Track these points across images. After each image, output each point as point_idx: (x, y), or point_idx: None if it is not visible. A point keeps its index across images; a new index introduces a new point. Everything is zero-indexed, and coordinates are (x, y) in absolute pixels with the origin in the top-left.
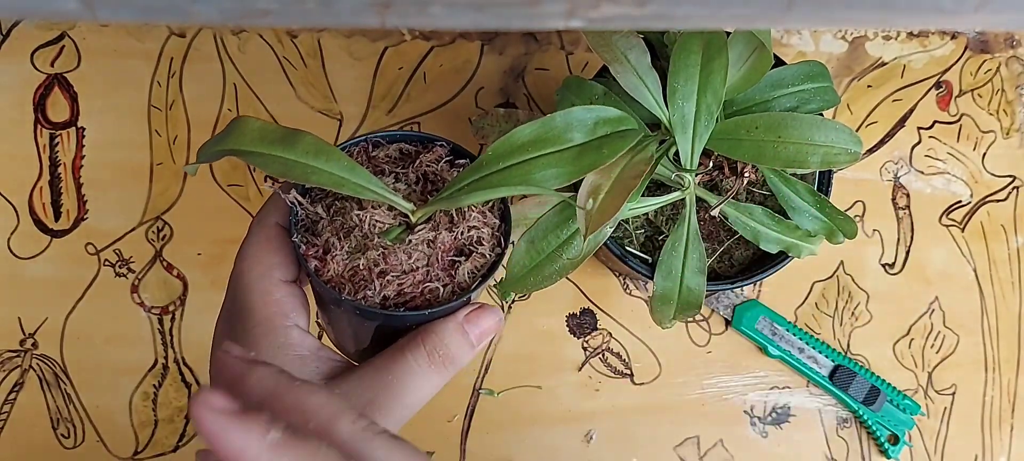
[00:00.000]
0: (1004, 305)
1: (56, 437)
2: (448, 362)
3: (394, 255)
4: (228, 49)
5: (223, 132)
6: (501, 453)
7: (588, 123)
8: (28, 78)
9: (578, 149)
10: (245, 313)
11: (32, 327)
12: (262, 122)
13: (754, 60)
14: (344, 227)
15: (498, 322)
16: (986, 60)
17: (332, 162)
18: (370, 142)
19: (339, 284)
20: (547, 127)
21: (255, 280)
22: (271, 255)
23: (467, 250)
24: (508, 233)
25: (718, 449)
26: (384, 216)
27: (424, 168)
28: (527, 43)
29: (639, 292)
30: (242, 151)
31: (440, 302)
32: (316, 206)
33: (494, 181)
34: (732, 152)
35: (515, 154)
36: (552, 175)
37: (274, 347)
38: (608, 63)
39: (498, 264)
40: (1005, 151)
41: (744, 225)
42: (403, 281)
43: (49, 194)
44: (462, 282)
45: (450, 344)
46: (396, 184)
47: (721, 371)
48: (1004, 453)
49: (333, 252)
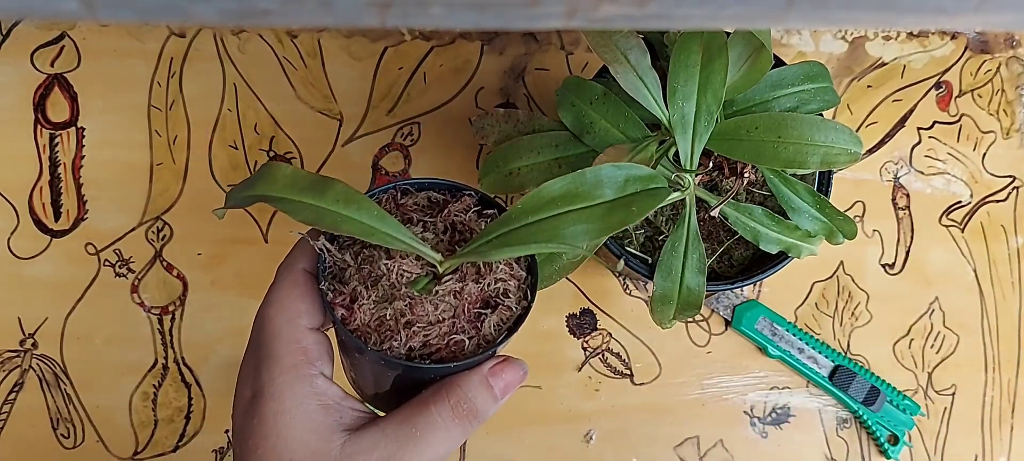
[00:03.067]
0: (1004, 305)
1: (56, 437)
2: (472, 416)
3: (421, 306)
4: (228, 49)
5: (253, 177)
6: (501, 453)
7: (619, 180)
8: (28, 78)
9: (608, 205)
10: (271, 360)
11: (32, 327)
12: (293, 168)
13: (754, 60)
14: (372, 276)
15: (523, 375)
16: (986, 60)
17: (362, 211)
18: (399, 189)
19: (365, 334)
20: (577, 182)
21: (282, 327)
22: (298, 302)
23: (493, 302)
24: (535, 286)
25: (718, 449)
26: (412, 266)
27: (452, 217)
28: (527, 43)
29: (639, 292)
30: (273, 198)
31: (465, 355)
32: (344, 253)
33: (522, 235)
34: (732, 152)
35: (544, 208)
36: (581, 231)
37: (300, 396)
38: (608, 63)
39: (524, 317)
40: (1005, 151)
41: (744, 225)
42: (429, 332)
43: (49, 194)
44: (488, 335)
45: (474, 398)
46: (424, 233)
47: (721, 371)
48: (1004, 453)
49: (360, 301)
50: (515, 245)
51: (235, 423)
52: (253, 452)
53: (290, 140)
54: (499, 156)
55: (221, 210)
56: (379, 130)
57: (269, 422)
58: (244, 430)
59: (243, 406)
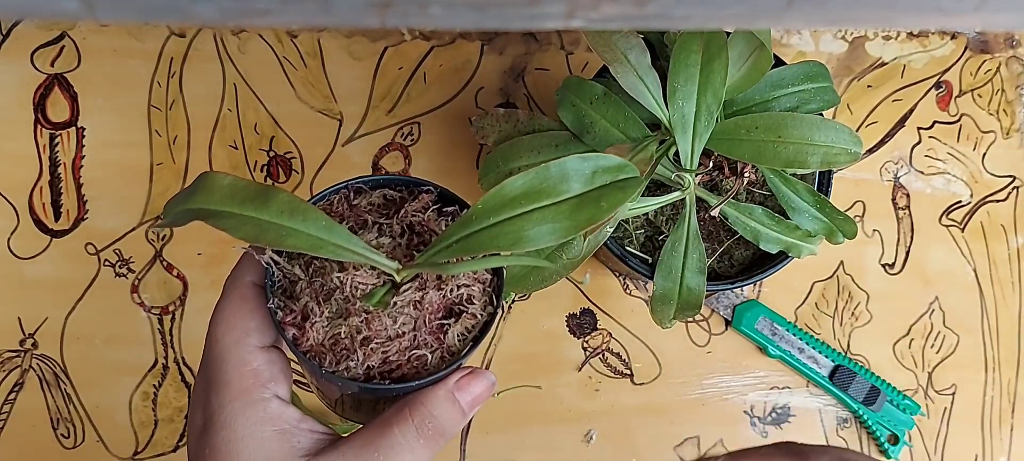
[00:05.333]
0: (1004, 305)
1: (56, 437)
2: (438, 435)
3: (378, 320)
4: (228, 49)
5: (189, 188)
6: (501, 453)
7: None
8: (28, 78)
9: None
10: (221, 384)
11: (32, 327)
12: (232, 177)
13: (754, 60)
14: (324, 289)
15: (490, 387)
16: (986, 60)
17: (309, 221)
18: (351, 188)
19: (320, 354)
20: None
21: (230, 348)
22: (246, 319)
23: (457, 310)
24: (501, 289)
25: (718, 449)
26: (367, 277)
27: (410, 218)
28: (527, 43)
29: (639, 292)
30: (210, 212)
31: (428, 372)
32: (293, 266)
33: (484, 239)
34: (732, 152)
35: (506, 208)
36: (547, 231)
37: (252, 423)
38: (608, 63)
39: (491, 324)
40: (1005, 151)
41: (744, 225)
42: (388, 348)
43: (49, 194)
44: (452, 346)
45: (440, 415)
46: (379, 238)
47: (721, 371)
48: (1004, 453)
49: (312, 318)
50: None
51: (189, 451)
52: None
53: (290, 140)
54: (499, 156)
55: (161, 225)
56: (379, 130)
57: (222, 452)
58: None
59: (196, 434)
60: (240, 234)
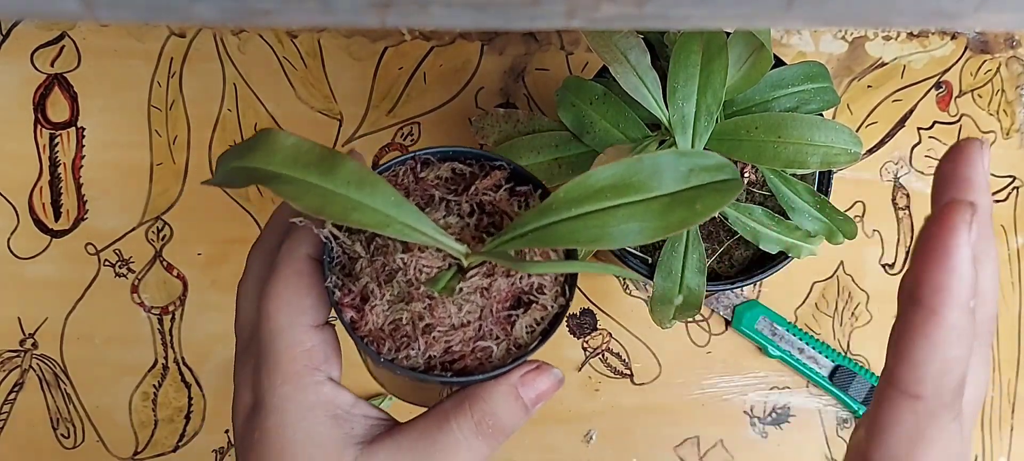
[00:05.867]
0: (1004, 305)
1: (56, 437)
2: (499, 433)
3: (442, 307)
4: (228, 49)
5: (246, 144)
6: (501, 453)
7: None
8: (28, 78)
9: (668, 200)
10: (271, 364)
11: (32, 327)
12: (296, 138)
13: (754, 60)
14: (386, 270)
15: (557, 383)
16: (986, 60)
17: (377, 196)
18: (418, 160)
19: (379, 339)
20: (632, 171)
21: (283, 326)
22: (301, 296)
23: (526, 299)
24: (574, 279)
25: (718, 449)
26: (432, 259)
27: (480, 196)
28: (527, 43)
29: (639, 292)
30: (269, 174)
31: (493, 365)
32: (354, 242)
33: (562, 231)
34: (732, 152)
35: (590, 200)
36: (634, 230)
37: (305, 408)
38: (608, 63)
39: (562, 317)
40: (1005, 151)
41: (744, 225)
42: (451, 338)
43: (49, 194)
44: (519, 339)
45: (501, 413)
46: (447, 217)
47: (721, 371)
48: (1004, 453)
49: (372, 301)
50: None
51: (236, 430)
52: None
53: None
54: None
55: (211, 182)
56: (379, 130)
57: (273, 437)
58: (245, 443)
59: (244, 413)
60: (303, 203)
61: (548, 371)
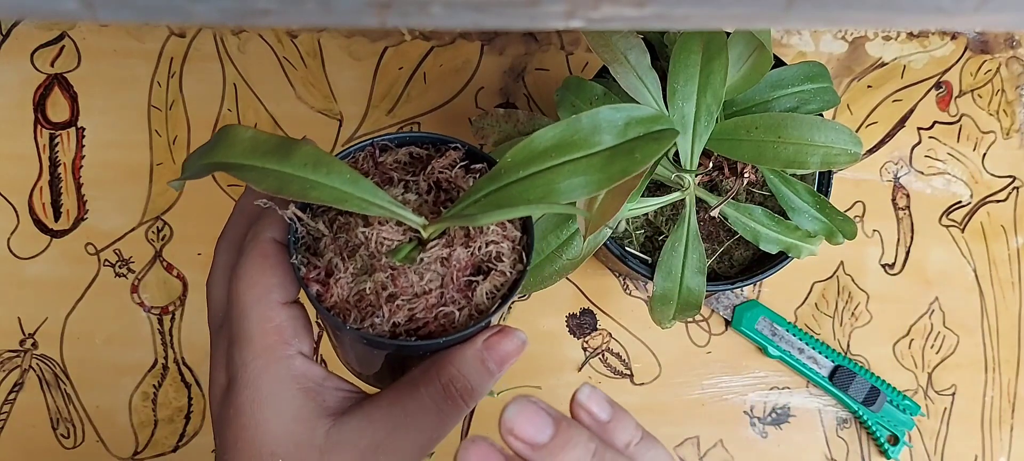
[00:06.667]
0: (1004, 305)
1: (56, 437)
2: (467, 395)
3: (404, 276)
4: (228, 49)
5: (210, 142)
6: None
7: (618, 124)
8: (28, 78)
9: (608, 153)
10: (243, 341)
11: (32, 327)
12: (254, 131)
13: (754, 60)
14: (349, 245)
15: (520, 345)
16: (986, 60)
17: (333, 174)
18: (376, 146)
19: (344, 311)
20: (572, 129)
21: (252, 304)
22: (268, 275)
23: (485, 267)
24: (531, 247)
25: (718, 449)
26: (392, 232)
27: (437, 175)
28: (527, 43)
29: (639, 292)
30: (232, 164)
31: (456, 328)
32: (317, 221)
33: (513, 193)
34: (732, 152)
35: (536, 161)
36: (579, 184)
37: (277, 381)
38: (608, 63)
39: (520, 282)
40: (1005, 151)
41: (744, 225)
42: (414, 305)
43: (49, 194)
44: (480, 304)
45: (469, 375)
46: (405, 194)
47: (721, 371)
48: (1004, 453)
49: (337, 274)
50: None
51: (213, 411)
52: (233, 446)
53: None
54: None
55: (177, 182)
56: (379, 130)
57: (247, 412)
58: (222, 419)
59: (219, 393)
60: (263, 186)
61: (512, 333)
